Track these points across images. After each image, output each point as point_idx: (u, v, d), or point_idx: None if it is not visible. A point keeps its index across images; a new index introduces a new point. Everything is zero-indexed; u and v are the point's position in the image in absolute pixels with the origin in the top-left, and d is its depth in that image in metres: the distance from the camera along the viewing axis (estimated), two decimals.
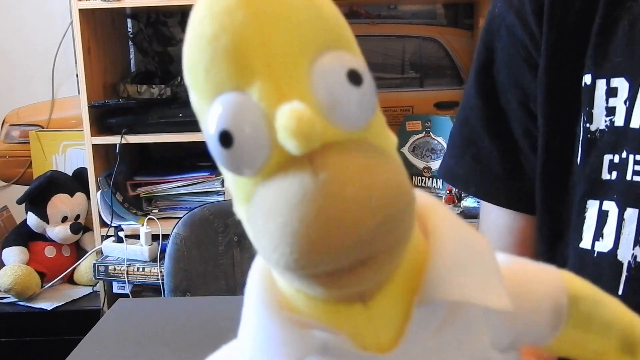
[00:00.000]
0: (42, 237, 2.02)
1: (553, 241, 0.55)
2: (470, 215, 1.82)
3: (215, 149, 0.26)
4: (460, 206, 1.87)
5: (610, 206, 0.50)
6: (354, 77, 0.25)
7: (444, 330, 0.28)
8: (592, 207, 0.51)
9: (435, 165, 1.98)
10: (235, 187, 0.27)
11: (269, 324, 0.28)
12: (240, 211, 0.28)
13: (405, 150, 2.04)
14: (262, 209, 0.25)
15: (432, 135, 1.97)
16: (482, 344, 0.30)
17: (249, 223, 0.26)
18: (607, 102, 0.50)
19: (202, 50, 0.25)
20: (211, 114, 0.26)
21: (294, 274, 0.25)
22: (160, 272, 1.67)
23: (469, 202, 1.88)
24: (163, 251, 1.64)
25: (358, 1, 2.08)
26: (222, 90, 0.25)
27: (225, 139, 0.25)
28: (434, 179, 1.99)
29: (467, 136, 0.61)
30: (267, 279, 0.29)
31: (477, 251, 0.29)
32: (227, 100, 0.25)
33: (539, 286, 0.32)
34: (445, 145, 1.95)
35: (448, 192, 1.92)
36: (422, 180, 2.01)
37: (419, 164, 2.01)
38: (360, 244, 0.23)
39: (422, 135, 1.99)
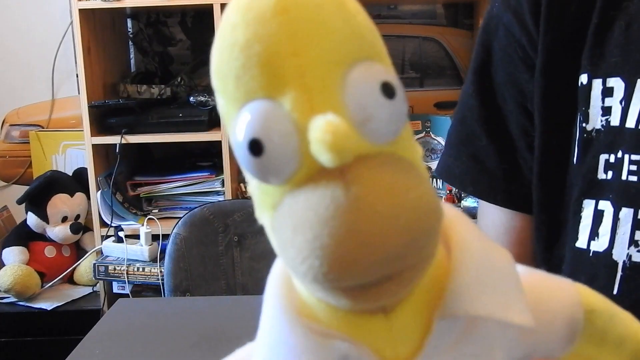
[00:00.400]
0: (42, 237, 2.02)
1: (549, 240, 0.55)
2: (470, 215, 1.82)
3: (243, 156, 0.25)
4: (460, 206, 1.87)
5: (606, 206, 0.50)
6: (388, 90, 0.25)
7: (461, 344, 0.28)
8: (588, 206, 0.51)
9: (435, 165, 1.98)
10: (260, 193, 0.27)
11: (288, 331, 0.28)
12: (264, 218, 0.28)
13: None
14: (291, 219, 0.25)
15: (432, 135, 1.97)
16: (497, 357, 0.30)
17: (273, 232, 0.26)
18: (603, 102, 0.50)
19: (234, 57, 0.25)
20: (240, 121, 0.25)
21: (321, 286, 0.25)
22: (160, 272, 1.67)
23: (469, 202, 1.88)
24: (163, 251, 1.64)
25: (358, 1, 2.08)
26: (253, 97, 0.25)
27: (255, 147, 0.24)
28: (434, 179, 1.99)
29: (464, 135, 0.61)
30: (286, 285, 0.29)
31: (499, 266, 0.29)
32: (257, 108, 0.25)
33: (555, 301, 0.32)
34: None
35: (448, 192, 1.92)
36: None
37: None
38: (389, 261, 0.24)
39: (422, 135, 1.99)
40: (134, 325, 1.23)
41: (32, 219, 2.00)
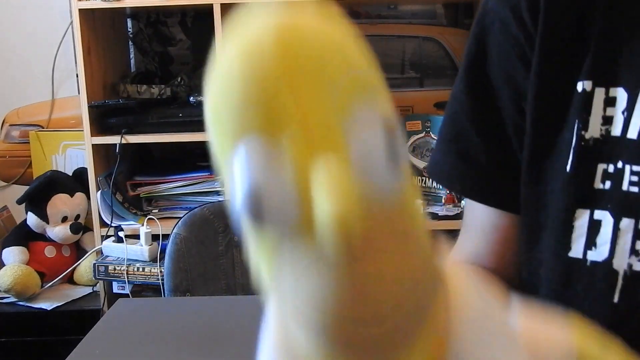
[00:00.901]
0: (42, 237, 2.02)
1: (530, 243, 0.55)
2: None
3: (240, 201, 0.25)
4: (460, 206, 1.87)
5: (604, 216, 0.50)
6: (389, 130, 0.24)
7: None
8: (582, 216, 0.51)
9: None
10: (255, 234, 0.26)
11: None
12: (258, 258, 0.27)
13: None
14: (294, 270, 0.24)
15: (432, 135, 1.97)
16: None
17: (271, 270, 0.26)
18: (604, 111, 0.50)
19: (231, 91, 0.24)
20: (237, 162, 0.24)
21: (317, 336, 0.25)
22: (160, 272, 1.67)
23: None
24: (163, 251, 1.64)
25: (358, 1, 2.08)
26: (248, 133, 0.24)
27: (254, 194, 0.24)
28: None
29: (454, 132, 0.60)
30: (282, 348, 0.29)
31: (499, 322, 0.30)
32: (255, 148, 0.24)
33: (550, 349, 0.33)
34: None
35: (448, 192, 1.92)
36: (422, 180, 2.01)
37: (419, 163, 2.01)
38: (386, 335, 0.24)
39: (422, 135, 1.99)
40: (134, 325, 1.23)
41: (32, 219, 2.00)
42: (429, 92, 2.15)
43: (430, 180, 1.99)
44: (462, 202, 1.89)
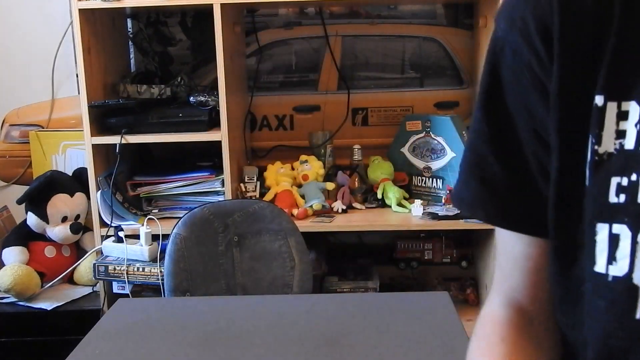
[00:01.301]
0: (42, 237, 2.02)
1: (565, 262, 0.55)
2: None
3: None
4: None
5: (621, 229, 0.50)
6: None
7: None
8: (602, 230, 0.51)
9: (435, 165, 1.98)
10: None
11: None
12: None
13: (405, 150, 2.04)
14: None
15: (432, 135, 1.97)
16: None
17: None
18: (617, 125, 0.50)
19: None
20: None
21: None
22: (160, 272, 1.67)
23: None
24: (163, 251, 1.64)
25: (358, 1, 2.09)
26: None
27: None
28: (434, 179, 1.99)
29: (474, 160, 0.61)
30: None
31: None
32: None
33: None
34: (445, 145, 1.95)
35: (448, 192, 1.92)
36: (422, 180, 2.01)
37: (419, 164, 2.01)
38: None
39: (422, 135, 1.99)
40: (134, 325, 1.23)
41: (32, 219, 2.00)
42: (429, 92, 2.15)
43: (431, 180, 1.99)
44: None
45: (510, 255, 0.62)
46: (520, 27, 0.55)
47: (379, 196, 1.97)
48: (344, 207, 1.93)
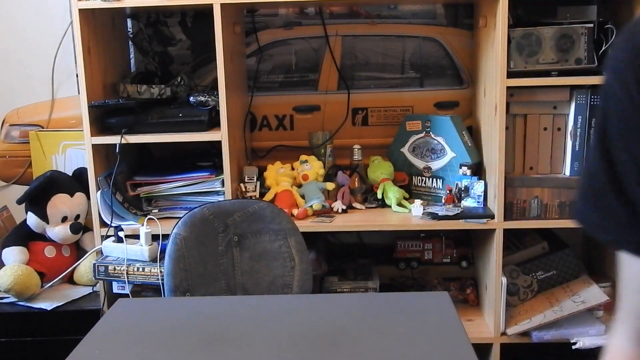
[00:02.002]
0: (42, 237, 2.02)
1: None
2: (470, 215, 1.83)
3: None
4: (460, 206, 1.88)
5: None
6: None
7: None
8: None
9: (435, 165, 1.98)
10: None
11: None
12: None
13: (405, 150, 2.04)
14: None
15: (432, 135, 1.97)
16: None
17: None
18: None
19: None
20: None
21: None
22: (160, 272, 1.67)
23: (468, 202, 1.88)
24: (163, 251, 1.64)
25: (358, 1, 2.09)
26: None
27: None
28: (434, 179, 1.99)
29: (593, 191, 0.67)
30: None
31: None
32: None
33: None
34: (445, 145, 1.95)
35: (448, 192, 1.92)
36: (422, 180, 2.01)
37: (419, 163, 2.01)
38: None
39: (422, 135, 1.99)
40: (134, 325, 1.23)
41: (32, 219, 2.00)
42: (429, 92, 2.15)
43: (430, 180, 1.99)
44: (462, 202, 1.89)
45: (633, 279, 0.66)
46: (622, 79, 0.61)
47: (379, 196, 1.97)
48: (344, 207, 1.93)
